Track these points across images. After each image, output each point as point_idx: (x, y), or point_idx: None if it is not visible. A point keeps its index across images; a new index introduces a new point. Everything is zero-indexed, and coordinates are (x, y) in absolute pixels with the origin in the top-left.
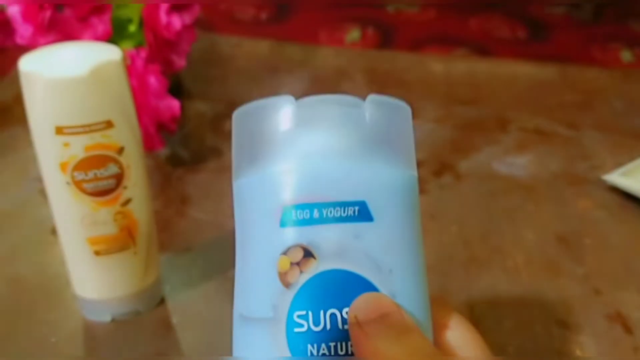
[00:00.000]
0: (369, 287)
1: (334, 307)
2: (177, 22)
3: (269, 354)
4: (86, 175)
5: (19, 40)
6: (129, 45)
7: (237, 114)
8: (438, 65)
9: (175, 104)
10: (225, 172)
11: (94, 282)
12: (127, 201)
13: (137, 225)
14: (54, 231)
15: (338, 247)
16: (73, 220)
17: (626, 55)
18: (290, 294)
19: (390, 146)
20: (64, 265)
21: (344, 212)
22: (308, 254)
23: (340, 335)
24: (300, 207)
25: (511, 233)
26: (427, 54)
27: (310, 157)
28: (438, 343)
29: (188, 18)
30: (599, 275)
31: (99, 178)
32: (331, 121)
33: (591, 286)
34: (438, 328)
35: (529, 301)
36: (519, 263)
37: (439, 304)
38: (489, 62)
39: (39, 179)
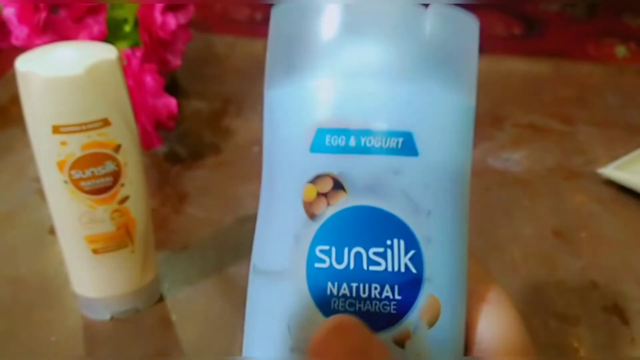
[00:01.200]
0: (402, 228)
1: (359, 246)
2: (172, 21)
3: (290, 291)
4: (83, 173)
5: (15, 41)
6: (124, 46)
7: (275, 12)
8: None
9: (172, 101)
10: (223, 168)
11: (93, 280)
12: (124, 199)
13: (134, 223)
14: (52, 231)
15: (373, 181)
16: (71, 218)
17: (621, 51)
18: (315, 226)
19: (450, 68)
20: (63, 265)
21: (385, 143)
22: (338, 186)
23: (364, 276)
24: (336, 132)
25: (508, 228)
26: None
27: (353, 73)
28: (472, 316)
29: (183, 18)
30: (595, 268)
31: (96, 176)
32: (384, 31)
33: (588, 279)
34: (476, 299)
35: (526, 295)
36: (516, 258)
37: (481, 275)
38: (483, 59)
39: (37, 180)
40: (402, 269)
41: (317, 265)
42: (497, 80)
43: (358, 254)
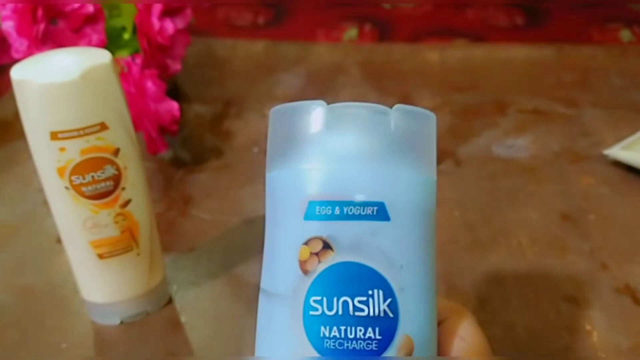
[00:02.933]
0: (381, 280)
1: (346, 295)
2: (169, 26)
3: (288, 331)
4: (84, 178)
5: (15, 54)
6: (124, 54)
7: (273, 112)
8: (434, 55)
9: (174, 105)
10: (226, 170)
11: (100, 285)
12: (127, 202)
13: (138, 226)
14: (59, 240)
15: (355, 241)
16: (75, 224)
17: (626, 35)
18: (308, 281)
19: (413, 151)
20: (71, 273)
21: (363, 211)
22: (327, 246)
23: (350, 320)
24: (323, 203)
25: (514, 214)
26: (423, 44)
27: (336, 158)
28: (444, 350)
29: (181, 22)
30: (605, 250)
31: (96, 180)
32: (358, 126)
33: (598, 261)
34: (449, 334)
35: (535, 280)
36: (523, 243)
37: (455, 311)
38: (485, 48)
39: (43, 190)
40: (382, 314)
41: (311, 313)
42: (499, 67)
43: (345, 302)
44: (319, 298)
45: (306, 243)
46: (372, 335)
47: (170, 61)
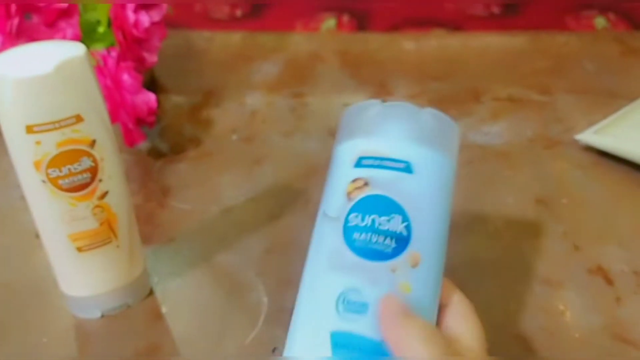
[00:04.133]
0: (400, 209)
1: (375, 214)
2: (145, 19)
3: (332, 236)
4: (60, 171)
5: None
6: (100, 47)
7: (345, 112)
8: (410, 44)
9: (151, 97)
10: (205, 159)
11: (80, 279)
12: (104, 194)
13: (116, 217)
14: (38, 235)
15: (386, 182)
16: (52, 218)
17: (600, 22)
18: (351, 204)
19: (439, 141)
20: (50, 267)
21: (395, 165)
22: (366, 184)
23: (375, 230)
24: (368, 157)
25: (491, 199)
26: (399, 34)
27: (381, 134)
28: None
29: (156, 15)
30: (578, 232)
31: (73, 173)
32: (401, 118)
33: (571, 243)
34: (442, 303)
35: (511, 262)
36: (499, 227)
37: (447, 285)
38: (460, 37)
39: (20, 185)
40: (398, 231)
41: (349, 224)
42: (474, 55)
43: (373, 219)
44: (356, 214)
45: (353, 181)
46: (389, 243)
47: (146, 54)
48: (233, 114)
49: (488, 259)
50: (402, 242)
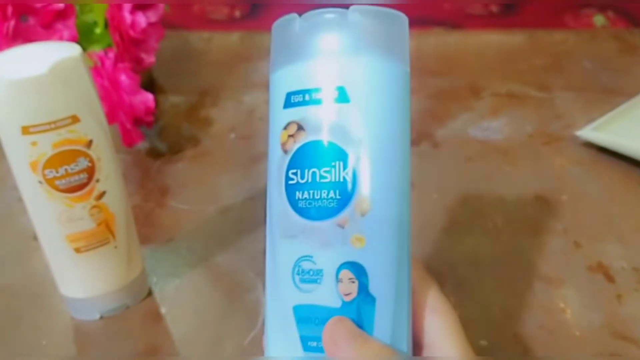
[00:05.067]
0: (342, 153)
1: (314, 167)
2: (141, 20)
3: (277, 198)
4: (57, 172)
5: None
6: (97, 48)
7: (274, 25)
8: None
9: (149, 97)
10: (203, 158)
11: (78, 280)
12: (102, 195)
13: (114, 218)
14: (35, 237)
15: (321, 122)
16: (50, 219)
17: (599, 20)
18: (287, 158)
19: (377, 44)
20: (48, 269)
21: (327, 95)
22: (300, 128)
23: (317, 185)
24: (296, 92)
25: (490, 195)
26: None
27: (307, 56)
28: (418, 323)
29: (153, 16)
30: (578, 229)
31: (70, 174)
32: (325, 27)
33: (571, 240)
34: (420, 307)
35: (510, 260)
36: (499, 224)
37: (420, 280)
38: (459, 35)
39: (17, 187)
40: (341, 180)
41: (290, 182)
42: (473, 53)
43: (314, 173)
44: (295, 171)
45: (285, 128)
46: (333, 196)
47: (143, 54)
48: (231, 113)
49: (487, 257)
50: (346, 191)
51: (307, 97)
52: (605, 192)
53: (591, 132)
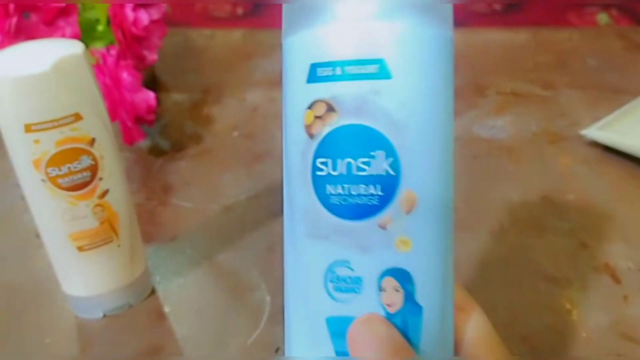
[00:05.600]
0: (383, 140)
1: (349, 157)
2: (144, 17)
3: (301, 190)
4: (60, 170)
5: None
6: (99, 45)
7: None
8: None
9: (150, 95)
10: (206, 156)
11: (81, 278)
12: (105, 193)
13: (117, 216)
14: (38, 235)
15: (358, 102)
16: (53, 217)
17: (603, 18)
18: (314, 144)
19: (422, 7)
20: (51, 267)
21: (364, 69)
22: (330, 109)
23: (353, 179)
24: (324, 65)
25: (495, 195)
26: None
27: (337, 20)
28: (458, 328)
29: (155, 13)
30: (584, 229)
31: (73, 172)
32: None
33: (577, 240)
34: (461, 319)
35: (516, 260)
36: (504, 223)
37: (465, 300)
38: (463, 33)
39: (20, 185)
40: (383, 173)
41: (318, 173)
42: (477, 51)
43: (349, 164)
44: (324, 160)
45: (310, 107)
46: (373, 191)
47: (146, 52)
48: (234, 111)
49: (493, 257)
50: (390, 185)
51: (338, 71)
52: (611, 192)
53: (597, 132)
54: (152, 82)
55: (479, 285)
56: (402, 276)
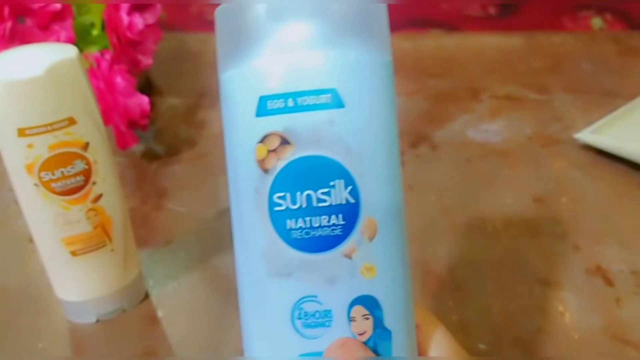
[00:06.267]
0: (341, 170)
1: (309, 189)
2: (139, 22)
3: (258, 228)
4: (53, 174)
5: None
6: (94, 49)
7: (217, 12)
8: (408, 44)
9: (144, 100)
10: (200, 160)
11: (75, 283)
12: (98, 197)
13: (110, 221)
14: (32, 240)
15: (313, 133)
16: (46, 222)
17: (597, 23)
18: (270, 178)
19: (361, 33)
20: (44, 272)
21: (317, 99)
22: (285, 141)
23: (314, 211)
24: (274, 97)
25: (489, 198)
26: (397, 34)
27: (283, 49)
28: (423, 348)
29: (150, 18)
30: (577, 232)
31: (66, 176)
32: (300, 13)
33: (570, 243)
34: (425, 338)
35: (509, 263)
36: (498, 226)
37: (427, 320)
38: (457, 37)
39: (13, 189)
40: (344, 201)
41: (276, 209)
42: (471, 55)
43: (309, 196)
44: (282, 194)
45: (262, 141)
46: (336, 221)
47: (141, 56)
48: None
49: (486, 259)
50: (351, 213)
51: (290, 103)
52: (604, 195)
53: (590, 135)
54: (146, 86)
55: (473, 287)
56: (370, 303)
